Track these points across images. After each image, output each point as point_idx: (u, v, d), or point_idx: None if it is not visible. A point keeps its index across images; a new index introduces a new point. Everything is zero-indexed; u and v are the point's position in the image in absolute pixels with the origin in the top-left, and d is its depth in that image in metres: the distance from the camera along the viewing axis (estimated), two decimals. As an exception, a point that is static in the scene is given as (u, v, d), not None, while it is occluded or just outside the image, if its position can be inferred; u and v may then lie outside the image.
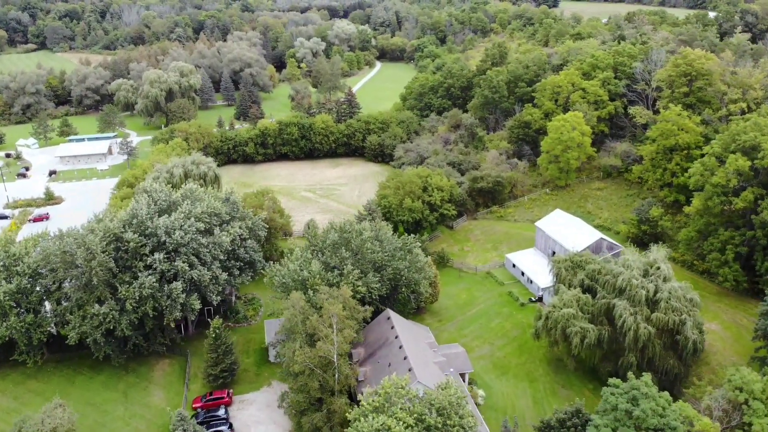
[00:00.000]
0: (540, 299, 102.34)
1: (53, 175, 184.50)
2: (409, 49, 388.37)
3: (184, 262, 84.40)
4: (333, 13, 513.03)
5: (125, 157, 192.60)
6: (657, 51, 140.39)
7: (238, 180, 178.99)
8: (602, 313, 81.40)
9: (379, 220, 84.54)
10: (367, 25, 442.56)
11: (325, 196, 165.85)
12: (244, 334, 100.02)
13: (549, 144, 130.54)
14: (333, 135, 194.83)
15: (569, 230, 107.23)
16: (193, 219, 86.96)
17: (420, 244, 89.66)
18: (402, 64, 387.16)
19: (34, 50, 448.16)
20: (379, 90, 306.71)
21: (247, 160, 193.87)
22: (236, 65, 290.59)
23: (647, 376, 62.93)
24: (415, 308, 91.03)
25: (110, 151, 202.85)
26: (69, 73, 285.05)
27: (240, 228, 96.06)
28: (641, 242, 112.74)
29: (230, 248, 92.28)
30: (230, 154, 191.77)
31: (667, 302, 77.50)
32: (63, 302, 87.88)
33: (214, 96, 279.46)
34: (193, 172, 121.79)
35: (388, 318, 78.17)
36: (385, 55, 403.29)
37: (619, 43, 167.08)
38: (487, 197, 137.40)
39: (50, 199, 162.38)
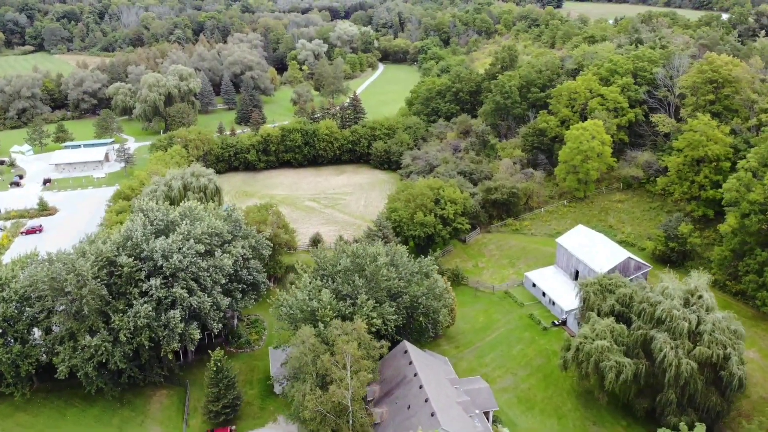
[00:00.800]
0: (564, 323, 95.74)
1: (47, 184, 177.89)
2: (412, 51, 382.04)
3: (182, 288, 77.85)
4: (334, 14, 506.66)
5: (122, 164, 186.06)
6: (679, 56, 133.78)
7: (240, 189, 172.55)
8: (638, 345, 74.78)
9: (395, 244, 77.96)
10: (369, 26, 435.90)
11: (330, 206, 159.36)
12: (247, 362, 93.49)
13: (567, 154, 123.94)
14: (337, 141, 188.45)
15: (594, 248, 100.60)
16: (192, 240, 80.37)
17: (437, 266, 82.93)
18: (405, 66, 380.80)
19: (32, 52, 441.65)
20: (382, 93, 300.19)
21: (249, 167, 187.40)
22: (237, 68, 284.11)
23: (701, 428, 56.22)
24: (432, 336, 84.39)
25: (107, 158, 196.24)
26: (66, 76, 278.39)
27: (243, 248, 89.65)
28: (669, 260, 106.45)
29: (232, 270, 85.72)
30: (231, 161, 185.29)
31: (710, 335, 70.95)
32: (54, 328, 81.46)
33: (215, 100, 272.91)
34: (192, 184, 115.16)
35: (405, 351, 71.54)
36: (388, 56, 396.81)
37: (637, 47, 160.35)
38: (502, 209, 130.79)
39: (44, 209, 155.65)
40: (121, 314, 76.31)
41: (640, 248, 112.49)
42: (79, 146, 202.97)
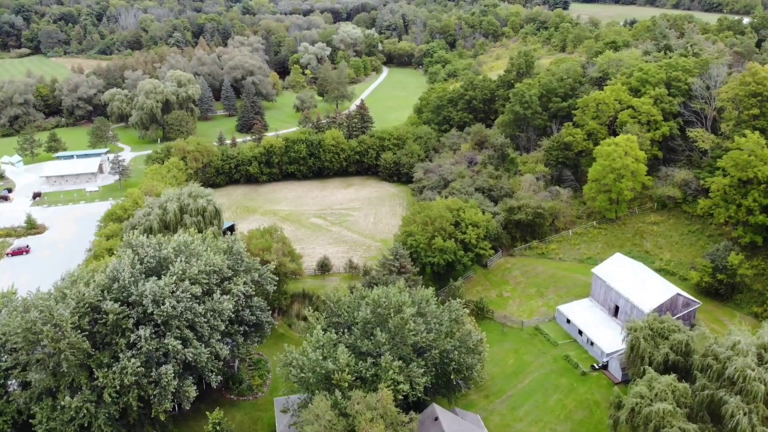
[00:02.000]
0: (605, 367, 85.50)
1: (37, 198, 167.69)
2: (418, 54, 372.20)
3: (176, 339, 67.73)
4: (336, 16, 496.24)
5: (117, 177, 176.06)
6: (717, 65, 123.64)
7: (241, 204, 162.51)
8: (703, 407, 64.57)
9: (421, 288, 67.74)
10: (373, 29, 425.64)
11: (337, 222, 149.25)
12: (249, 412, 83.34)
13: (598, 172, 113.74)
14: (344, 152, 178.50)
15: (636, 281, 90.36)
16: (187, 281, 70.25)
17: (466, 310, 72.62)
18: (410, 70, 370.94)
19: (28, 55, 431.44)
20: (388, 98, 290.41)
21: (251, 180, 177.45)
22: (238, 73, 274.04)
23: None
24: (462, 392, 74.06)
25: (101, 170, 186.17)
26: (61, 81, 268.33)
27: (245, 284, 79.55)
28: (716, 293, 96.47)
29: (233, 313, 75.63)
30: (232, 174, 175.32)
31: (789, 397, 60.85)
32: (34, 375, 71.22)
33: (214, 106, 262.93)
34: (189, 206, 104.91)
35: (436, 418, 61.28)
36: (392, 60, 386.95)
37: (666, 53, 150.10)
38: (526, 231, 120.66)
39: (32, 227, 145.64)
40: (106, 369, 66.10)
41: (682, 278, 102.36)
42: (71, 157, 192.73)
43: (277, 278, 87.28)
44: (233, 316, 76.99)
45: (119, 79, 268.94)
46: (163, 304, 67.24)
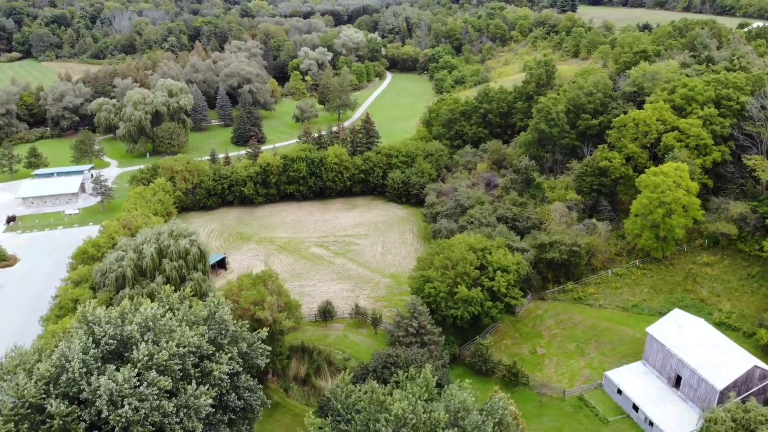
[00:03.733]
0: (669, 456, 70.38)
1: (11, 223, 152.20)
2: (422, 59, 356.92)
3: (139, 448, 52.56)
4: (337, 19, 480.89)
5: (99, 198, 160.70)
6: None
7: (234, 230, 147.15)
8: None
9: (456, 385, 52.60)
10: (375, 32, 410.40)
11: (341, 252, 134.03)
12: None
13: (644, 206, 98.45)
14: (348, 171, 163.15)
15: (702, 347, 75.18)
16: (154, 371, 55.00)
17: (512, 406, 57.35)
18: (415, 76, 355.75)
19: (19, 59, 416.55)
20: (392, 106, 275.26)
21: (246, 201, 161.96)
22: (234, 80, 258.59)
23: None
24: None
25: (83, 189, 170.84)
26: (47, 88, 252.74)
27: (231, 358, 64.44)
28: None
29: (212, 408, 60.38)
30: (225, 195, 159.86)
31: None
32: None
33: (209, 115, 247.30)
34: (170, 248, 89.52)
35: None
36: (396, 65, 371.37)
37: (708, 66, 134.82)
38: (559, 270, 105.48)
39: (1, 260, 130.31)
40: (47, 490, 50.99)
41: (747, 334, 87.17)
42: (51, 174, 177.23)
43: (270, 349, 71.72)
44: (215, 403, 61.76)
45: (108, 86, 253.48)
46: (122, 406, 52.01)
